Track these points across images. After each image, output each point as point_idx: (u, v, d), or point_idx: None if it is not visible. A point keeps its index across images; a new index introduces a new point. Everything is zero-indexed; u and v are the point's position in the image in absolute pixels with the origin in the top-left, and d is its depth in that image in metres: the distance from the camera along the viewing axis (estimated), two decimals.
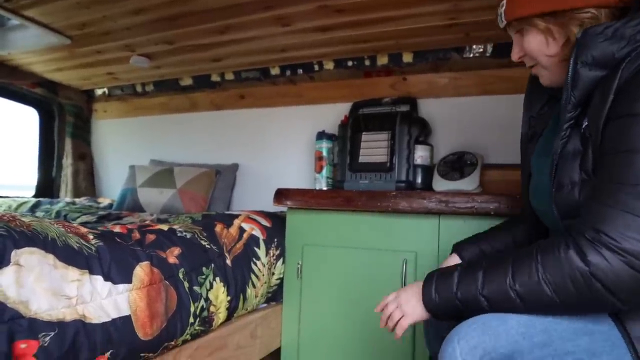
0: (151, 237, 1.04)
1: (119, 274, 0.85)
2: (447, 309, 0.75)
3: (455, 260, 0.99)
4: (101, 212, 1.79)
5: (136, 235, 1.02)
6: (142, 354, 0.88)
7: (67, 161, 2.44)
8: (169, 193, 1.94)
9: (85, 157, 2.49)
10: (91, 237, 0.88)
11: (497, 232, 1.01)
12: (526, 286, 0.66)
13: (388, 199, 1.36)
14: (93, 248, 0.85)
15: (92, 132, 2.52)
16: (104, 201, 2.18)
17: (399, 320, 0.80)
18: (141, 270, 0.91)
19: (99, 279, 0.81)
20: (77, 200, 2.17)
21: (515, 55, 0.81)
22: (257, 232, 1.43)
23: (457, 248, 1.02)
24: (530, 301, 0.66)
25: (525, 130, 0.95)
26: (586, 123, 0.70)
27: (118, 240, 0.94)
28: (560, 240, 0.65)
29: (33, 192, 2.37)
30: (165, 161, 2.24)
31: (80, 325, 0.75)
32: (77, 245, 0.82)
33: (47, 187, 2.42)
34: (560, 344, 0.64)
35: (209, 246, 1.19)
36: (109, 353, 0.80)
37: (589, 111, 0.69)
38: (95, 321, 0.78)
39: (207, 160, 2.15)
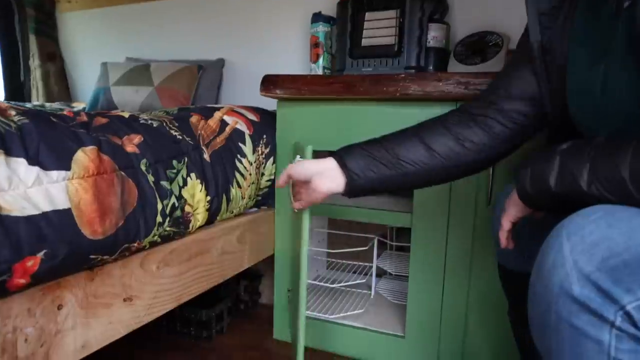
0: (102, 120, 0.84)
1: (50, 157, 0.66)
2: (544, 202, 0.60)
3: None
4: None
5: (83, 117, 0.81)
6: (92, 256, 0.72)
7: (35, 62, 2.17)
8: (145, 91, 1.71)
9: (54, 58, 2.22)
10: (13, 113, 0.68)
11: (432, 133, 0.74)
12: None
13: (396, 82, 1.13)
14: (13, 125, 0.65)
15: (59, 28, 2.22)
16: (79, 105, 1.96)
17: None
18: (84, 156, 0.72)
19: (20, 162, 0.62)
20: (47, 104, 1.94)
21: None
22: (242, 127, 1.22)
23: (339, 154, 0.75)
24: None
25: (537, 37, 0.69)
26: None
27: (54, 120, 0.73)
28: None
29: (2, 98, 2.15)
30: (142, 58, 1.97)
31: None
32: None
33: (16, 92, 2.18)
34: None
35: (180, 137, 1.00)
36: (42, 253, 0.63)
37: None
38: (16, 214, 0.60)
39: (188, 56, 1.89)
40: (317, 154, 0.87)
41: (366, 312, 1.41)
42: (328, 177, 0.73)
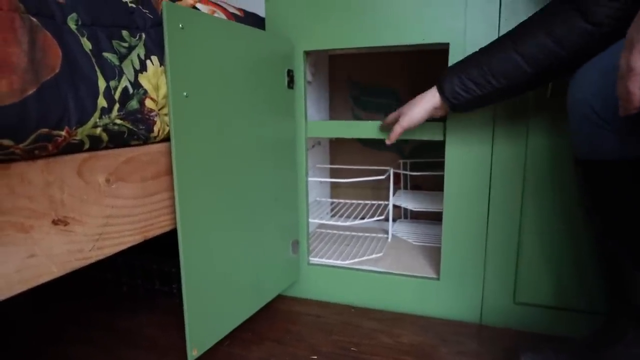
0: None
1: None
2: None
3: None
4: None
5: None
6: None
7: None
8: None
9: None
10: None
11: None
12: None
13: None
14: None
15: None
16: None
17: None
18: None
19: None
20: None
21: None
22: (222, 17, 0.93)
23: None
24: None
25: None
26: None
27: None
28: None
29: None
30: None
31: None
32: None
33: None
34: None
35: (134, 6, 0.70)
36: None
37: None
38: None
39: None
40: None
41: (386, 255, 1.16)
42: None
